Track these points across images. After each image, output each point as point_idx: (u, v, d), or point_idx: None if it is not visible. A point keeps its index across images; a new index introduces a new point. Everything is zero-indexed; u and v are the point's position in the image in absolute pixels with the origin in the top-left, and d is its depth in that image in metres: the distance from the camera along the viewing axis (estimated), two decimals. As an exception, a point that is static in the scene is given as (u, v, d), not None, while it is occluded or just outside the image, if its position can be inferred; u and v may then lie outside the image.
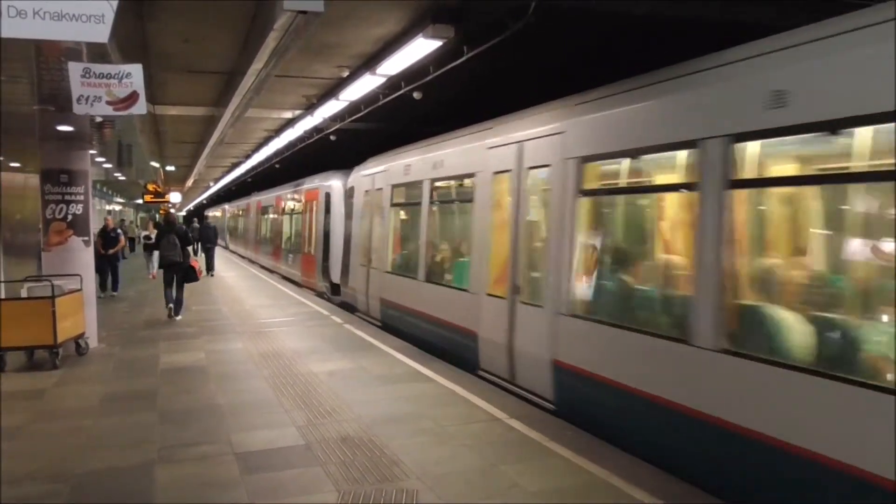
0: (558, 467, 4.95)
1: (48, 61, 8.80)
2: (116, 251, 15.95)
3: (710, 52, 5.17)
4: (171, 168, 29.86)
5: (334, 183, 16.35)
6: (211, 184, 44.89)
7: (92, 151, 10.36)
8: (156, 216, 41.18)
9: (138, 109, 7.95)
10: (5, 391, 7.18)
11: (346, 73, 10.87)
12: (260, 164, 25.84)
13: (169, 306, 12.24)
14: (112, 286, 15.94)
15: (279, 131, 17.54)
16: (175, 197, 38.55)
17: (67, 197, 9.12)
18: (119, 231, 16.86)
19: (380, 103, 11.85)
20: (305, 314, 12.79)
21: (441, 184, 9.76)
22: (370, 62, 9.73)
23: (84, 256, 9.37)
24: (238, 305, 14.26)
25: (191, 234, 14.49)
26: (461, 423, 5.96)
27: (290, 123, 15.91)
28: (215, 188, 47.95)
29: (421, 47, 8.12)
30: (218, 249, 27.13)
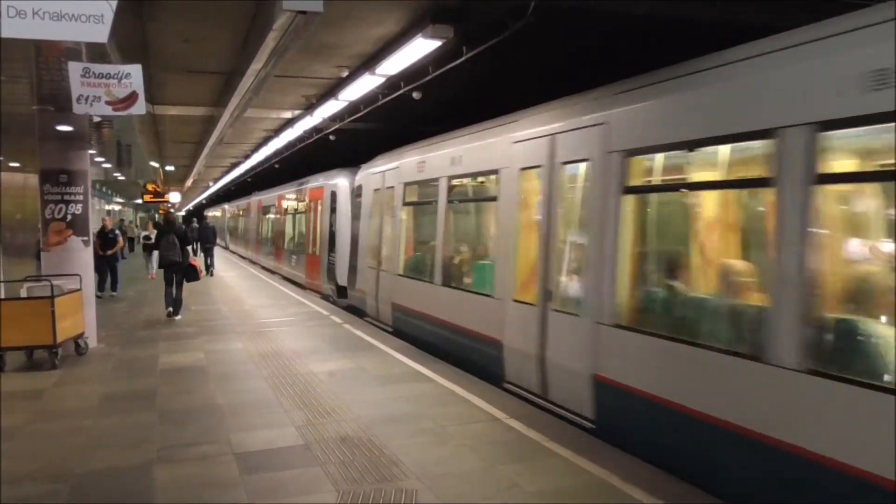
0: (558, 467, 4.95)
1: (47, 61, 8.80)
2: (115, 252, 15.91)
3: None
4: (171, 168, 29.91)
5: (340, 181, 15.89)
6: (210, 184, 44.92)
7: (91, 151, 10.35)
8: (155, 216, 41.22)
9: (138, 110, 7.97)
10: (5, 391, 7.17)
11: (346, 73, 10.88)
12: (259, 165, 25.85)
13: (168, 309, 12.26)
14: (111, 286, 15.93)
15: (278, 131, 17.54)
16: (174, 197, 38.57)
17: (67, 197, 9.12)
18: (117, 232, 16.81)
19: (379, 103, 11.87)
20: (305, 314, 12.79)
21: (460, 181, 9.21)
22: (370, 62, 9.74)
23: (83, 256, 9.37)
24: (238, 305, 14.25)
25: (190, 234, 14.45)
26: (461, 423, 5.96)
27: (290, 123, 15.91)
28: (215, 188, 47.97)
29: (420, 47, 8.13)
30: (218, 250, 27.13)
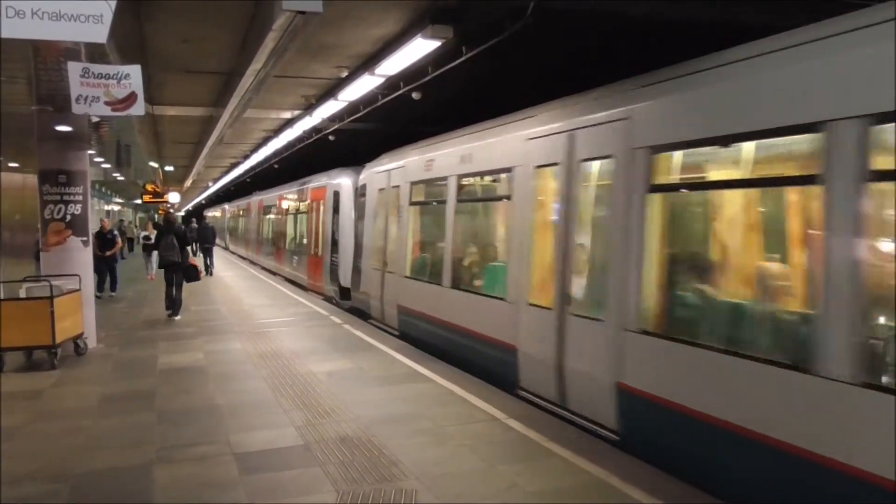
0: (557, 467, 4.95)
1: (46, 61, 8.80)
2: (113, 253, 15.87)
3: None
4: (170, 168, 29.93)
5: (343, 181, 15.56)
6: (210, 184, 44.93)
7: (90, 152, 10.36)
8: (154, 216, 41.25)
9: (137, 110, 7.97)
10: (4, 391, 7.17)
11: (345, 74, 10.88)
12: (259, 165, 25.85)
13: (168, 311, 12.25)
14: (110, 287, 15.91)
15: (278, 132, 17.54)
16: (174, 197, 38.62)
17: (66, 197, 9.11)
18: (115, 233, 16.75)
19: (379, 103, 11.87)
20: (304, 314, 12.78)
21: (470, 180, 8.93)
22: (369, 62, 9.74)
23: (83, 256, 9.36)
24: (237, 305, 14.24)
25: (189, 235, 14.44)
26: (460, 423, 5.95)
27: (289, 124, 15.91)
28: (214, 188, 47.97)
29: (420, 48, 8.13)
30: (217, 250, 27.11)
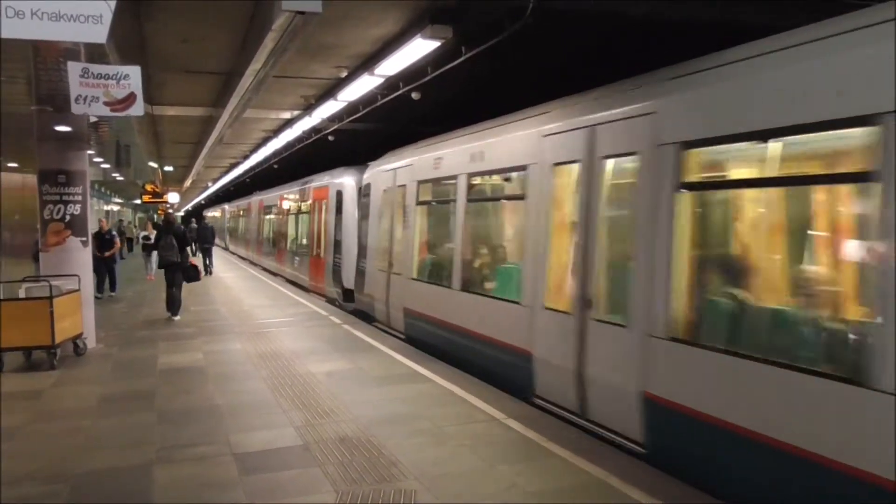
0: (557, 467, 4.95)
1: (46, 62, 8.80)
2: (112, 254, 15.83)
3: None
4: (170, 168, 29.92)
5: (346, 180, 15.23)
6: (209, 184, 44.93)
7: (90, 152, 10.36)
8: (154, 216, 41.25)
9: (136, 111, 7.98)
10: (4, 392, 7.17)
11: (345, 74, 10.88)
12: (258, 165, 25.85)
13: (168, 311, 12.26)
14: (110, 287, 15.90)
15: (277, 132, 17.54)
16: (173, 197, 38.61)
17: (65, 197, 9.11)
18: (114, 233, 16.70)
19: (378, 104, 11.86)
20: (304, 314, 12.78)
21: (481, 179, 8.61)
22: (368, 62, 9.74)
23: (82, 257, 9.36)
24: (236, 306, 14.25)
25: (189, 235, 14.43)
26: (459, 424, 5.96)
27: (289, 124, 15.90)
28: (214, 188, 47.96)
29: (419, 48, 8.13)
30: (217, 251, 27.11)
